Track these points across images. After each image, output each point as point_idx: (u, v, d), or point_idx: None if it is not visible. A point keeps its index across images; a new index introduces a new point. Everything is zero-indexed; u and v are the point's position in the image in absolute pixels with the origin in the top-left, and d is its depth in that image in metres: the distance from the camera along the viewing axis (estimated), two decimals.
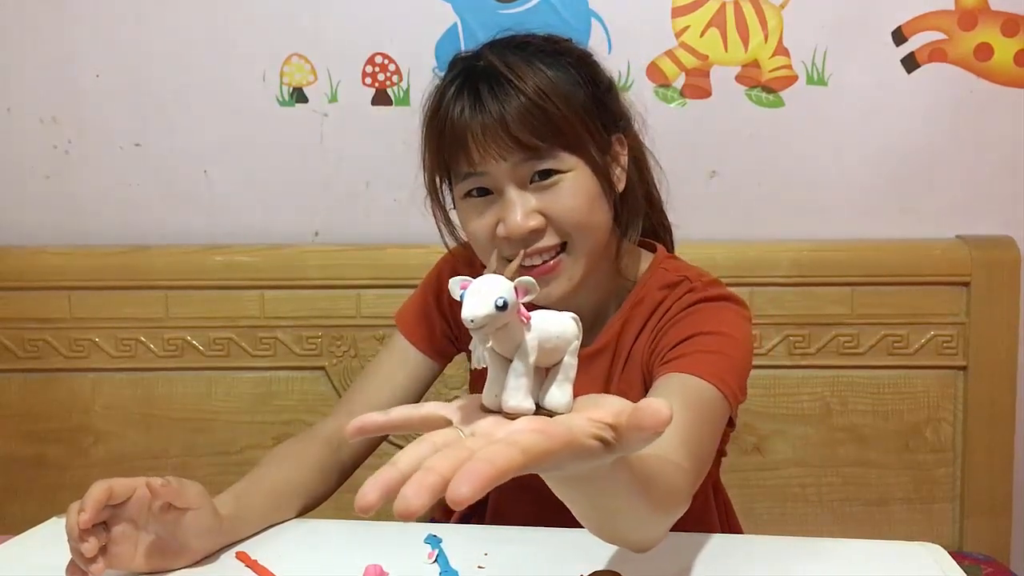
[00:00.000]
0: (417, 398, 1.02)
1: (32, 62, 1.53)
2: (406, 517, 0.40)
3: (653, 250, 0.97)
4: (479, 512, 1.05)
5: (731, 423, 0.87)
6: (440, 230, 0.94)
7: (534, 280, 0.50)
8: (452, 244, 0.97)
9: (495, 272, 0.51)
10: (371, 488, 0.42)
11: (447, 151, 0.85)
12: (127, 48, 1.52)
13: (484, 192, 0.85)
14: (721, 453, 0.96)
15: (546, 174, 0.83)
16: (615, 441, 0.48)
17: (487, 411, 0.53)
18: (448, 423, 0.53)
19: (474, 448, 0.43)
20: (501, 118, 0.81)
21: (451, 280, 0.51)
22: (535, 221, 0.83)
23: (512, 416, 0.51)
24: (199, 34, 1.51)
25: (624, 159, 0.91)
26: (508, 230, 0.83)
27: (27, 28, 1.52)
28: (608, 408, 0.50)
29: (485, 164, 0.83)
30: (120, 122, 1.54)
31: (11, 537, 0.86)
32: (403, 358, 1.02)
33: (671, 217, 1.02)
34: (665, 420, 0.46)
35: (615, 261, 0.92)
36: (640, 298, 0.92)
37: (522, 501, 0.97)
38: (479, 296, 0.48)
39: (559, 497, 0.57)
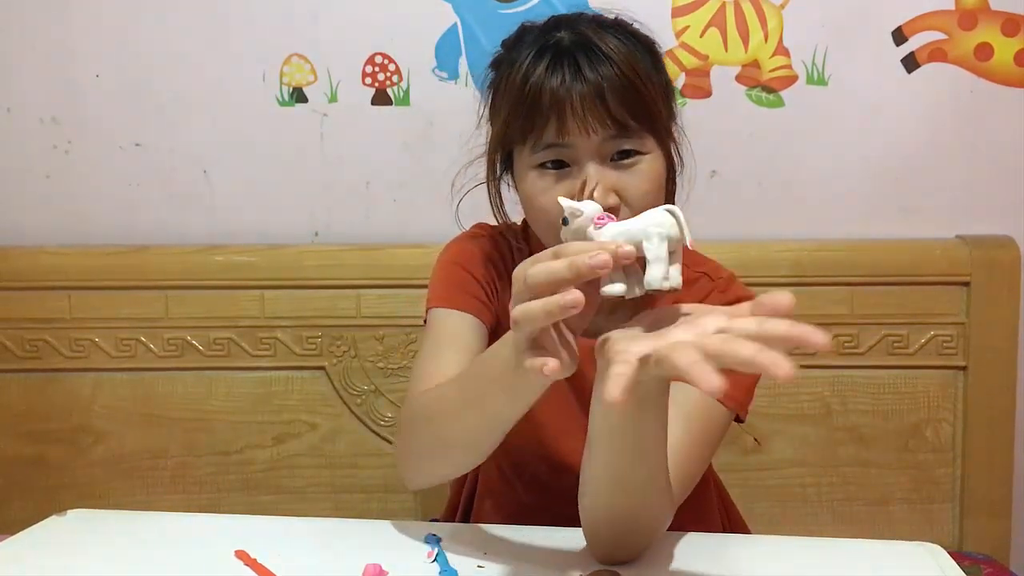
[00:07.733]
0: None
1: (32, 62, 1.53)
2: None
3: None
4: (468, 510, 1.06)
5: (737, 419, 0.89)
6: (492, 205, 0.92)
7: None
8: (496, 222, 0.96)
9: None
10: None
11: (534, 119, 0.82)
12: (127, 48, 1.52)
13: (560, 165, 0.83)
14: None
15: (627, 154, 0.83)
16: None
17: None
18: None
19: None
20: (599, 91, 0.80)
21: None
22: (613, 199, 0.81)
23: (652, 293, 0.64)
24: (199, 34, 1.51)
25: (674, 151, 0.91)
26: None
27: (27, 28, 1.52)
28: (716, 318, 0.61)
29: (575, 135, 0.81)
30: (120, 122, 1.54)
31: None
32: (462, 325, 0.91)
33: None
34: (788, 307, 0.55)
35: None
36: None
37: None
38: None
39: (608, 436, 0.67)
